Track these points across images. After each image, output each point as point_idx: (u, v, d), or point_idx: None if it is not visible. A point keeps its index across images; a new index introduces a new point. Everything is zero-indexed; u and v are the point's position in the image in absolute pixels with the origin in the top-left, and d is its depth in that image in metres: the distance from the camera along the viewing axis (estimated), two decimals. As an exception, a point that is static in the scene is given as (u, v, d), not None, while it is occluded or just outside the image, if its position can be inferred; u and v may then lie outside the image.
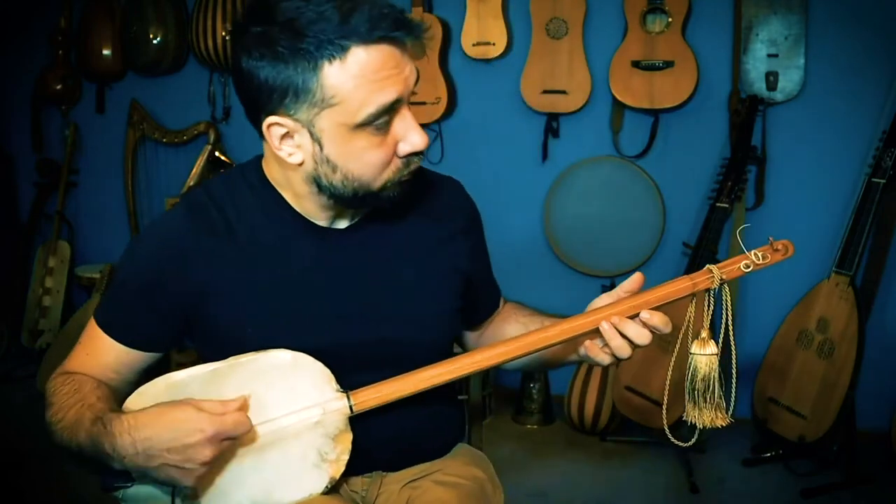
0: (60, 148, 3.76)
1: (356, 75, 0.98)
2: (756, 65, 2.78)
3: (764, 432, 2.68)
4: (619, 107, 2.98)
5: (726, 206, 2.70)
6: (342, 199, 1.08)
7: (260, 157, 1.18)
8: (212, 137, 3.42)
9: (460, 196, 1.29)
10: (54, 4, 3.62)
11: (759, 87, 2.77)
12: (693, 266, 2.72)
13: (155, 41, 3.41)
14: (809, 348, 2.58)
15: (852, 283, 2.52)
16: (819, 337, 2.56)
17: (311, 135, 1.03)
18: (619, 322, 1.06)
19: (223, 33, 3.29)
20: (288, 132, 1.03)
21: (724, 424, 1.09)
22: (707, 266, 1.07)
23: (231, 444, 1.01)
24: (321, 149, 1.03)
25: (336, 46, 0.96)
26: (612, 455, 2.79)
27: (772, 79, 2.76)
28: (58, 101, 3.72)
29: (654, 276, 3.43)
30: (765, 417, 2.66)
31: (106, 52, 3.54)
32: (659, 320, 1.05)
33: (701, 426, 1.10)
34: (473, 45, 3.05)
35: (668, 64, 2.81)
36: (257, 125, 1.06)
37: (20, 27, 3.76)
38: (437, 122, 3.17)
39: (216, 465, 1.01)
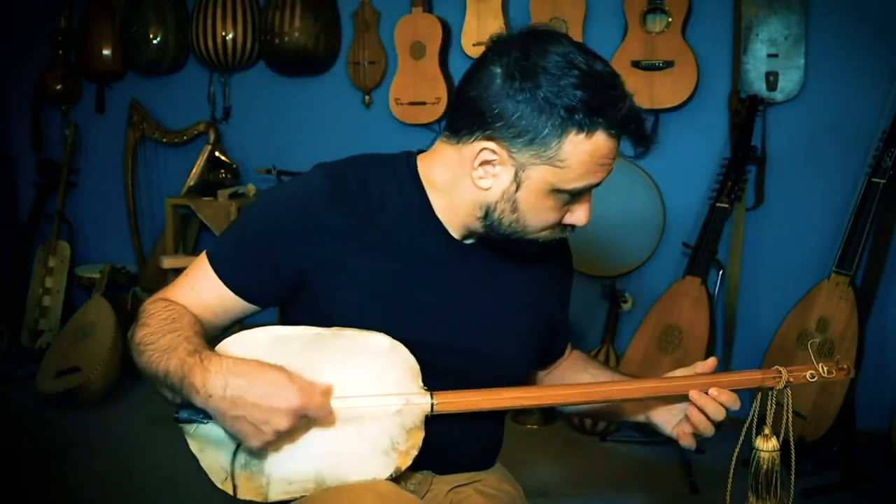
0: (60, 148, 3.76)
1: (588, 153, 1.04)
2: (756, 65, 2.78)
3: (764, 432, 2.68)
4: (619, 107, 2.97)
5: (726, 206, 2.70)
6: (495, 233, 1.13)
7: (412, 153, 1.20)
8: (212, 137, 3.42)
9: (564, 243, 1.33)
10: (54, 4, 3.62)
11: (759, 87, 2.77)
12: (693, 266, 2.73)
13: (155, 41, 3.41)
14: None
15: (852, 283, 2.52)
16: (819, 337, 2.56)
17: (516, 175, 1.07)
18: (698, 396, 1.14)
19: (223, 33, 3.29)
20: (494, 161, 1.07)
21: None
22: (776, 367, 1.16)
23: (305, 422, 1.04)
24: (516, 190, 1.08)
25: (589, 122, 1.02)
26: (612, 455, 2.79)
27: (772, 79, 2.76)
28: (58, 101, 3.72)
29: (654, 276, 3.42)
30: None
31: (106, 52, 3.54)
32: (728, 398, 1.15)
33: None
34: (473, 45, 3.05)
35: (668, 64, 2.81)
36: (463, 134, 1.09)
37: (20, 27, 3.76)
38: (437, 121, 3.17)
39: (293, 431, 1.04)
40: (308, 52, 3.28)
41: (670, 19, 2.81)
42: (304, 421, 1.04)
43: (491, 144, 1.05)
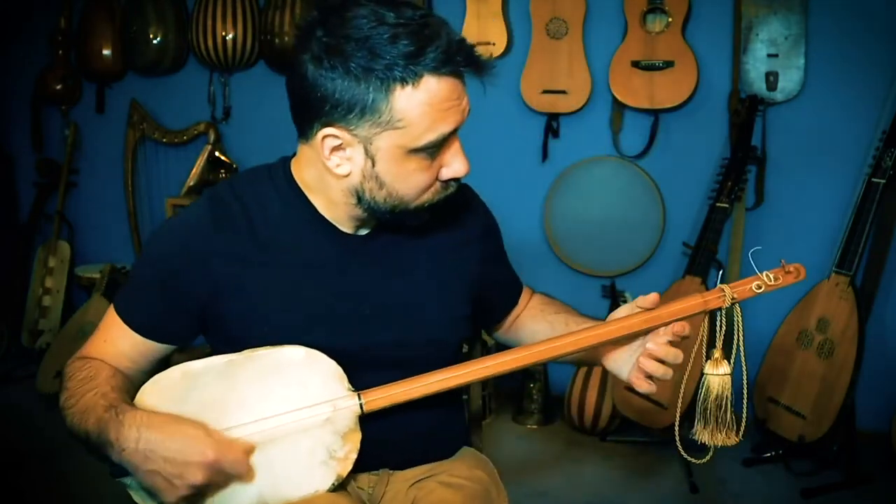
0: (60, 148, 3.76)
1: (424, 103, 1.01)
2: (756, 65, 2.78)
3: (764, 432, 2.68)
4: (619, 107, 2.98)
5: (726, 206, 2.70)
6: (378, 213, 1.11)
7: (287, 158, 1.19)
8: (212, 137, 3.42)
9: (473, 202, 1.32)
10: (54, 4, 3.62)
11: (759, 87, 2.77)
12: (693, 266, 2.73)
13: (155, 41, 3.40)
14: (809, 348, 2.58)
15: (852, 283, 2.52)
16: (819, 337, 2.56)
17: (366, 151, 1.05)
18: (655, 349, 1.11)
19: (223, 33, 3.29)
20: (341, 144, 1.05)
21: (734, 444, 1.12)
22: (719, 286, 1.10)
23: (223, 477, 1.03)
24: (373, 165, 1.06)
25: (409, 72, 0.99)
26: (612, 455, 2.79)
27: (772, 79, 2.76)
28: (58, 101, 3.72)
29: (654, 276, 3.42)
30: (765, 417, 2.66)
31: (106, 52, 3.54)
32: (678, 327, 1.11)
33: (711, 445, 1.12)
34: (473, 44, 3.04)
35: (668, 64, 2.81)
36: (306, 130, 1.08)
37: (20, 27, 3.75)
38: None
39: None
40: (308, 52, 3.27)
41: (670, 19, 2.81)
42: (221, 476, 1.02)
43: (330, 130, 1.04)
